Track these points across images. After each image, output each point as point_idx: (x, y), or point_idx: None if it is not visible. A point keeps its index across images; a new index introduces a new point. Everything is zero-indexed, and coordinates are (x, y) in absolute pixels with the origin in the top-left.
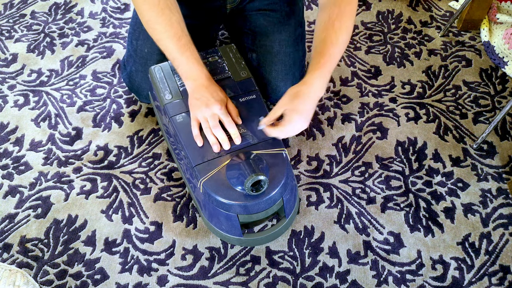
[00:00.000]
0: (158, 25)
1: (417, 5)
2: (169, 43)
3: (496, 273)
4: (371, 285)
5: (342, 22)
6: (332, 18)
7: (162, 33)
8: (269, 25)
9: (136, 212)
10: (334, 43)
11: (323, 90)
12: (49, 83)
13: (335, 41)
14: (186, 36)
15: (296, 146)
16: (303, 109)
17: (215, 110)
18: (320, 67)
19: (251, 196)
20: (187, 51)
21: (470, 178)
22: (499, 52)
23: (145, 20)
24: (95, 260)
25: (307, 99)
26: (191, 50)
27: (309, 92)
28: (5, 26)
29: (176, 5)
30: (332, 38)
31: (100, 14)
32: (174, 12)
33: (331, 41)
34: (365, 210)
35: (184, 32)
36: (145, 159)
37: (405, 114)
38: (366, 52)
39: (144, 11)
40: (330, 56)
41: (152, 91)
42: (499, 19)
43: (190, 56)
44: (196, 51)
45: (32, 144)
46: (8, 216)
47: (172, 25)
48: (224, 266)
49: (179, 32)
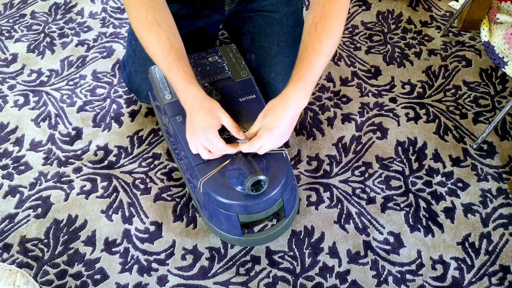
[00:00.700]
0: (146, 42)
1: (417, 5)
2: (159, 59)
3: (496, 273)
4: (371, 285)
5: (325, 25)
6: (315, 20)
7: (152, 50)
8: (268, 26)
9: (136, 212)
10: (316, 49)
11: (304, 102)
12: (49, 83)
13: (317, 47)
14: (176, 51)
15: (296, 146)
16: (274, 126)
17: (203, 140)
18: (299, 78)
19: (251, 196)
20: (175, 67)
21: (470, 178)
22: (499, 52)
23: (138, 37)
24: (95, 260)
25: (281, 116)
26: (179, 65)
27: (285, 107)
28: (5, 26)
29: (167, 18)
30: (314, 44)
31: (100, 14)
32: (163, 26)
33: (313, 48)
34: (365, 210)
35: (174, 46)
36: (145, 159)
37: (405, 114)
38: (366, 52)
39: (135, 29)
40: (311, 64)
41: (152, 91)
42: (499, 19)
43: (178, 73)
44: (186, 66)
45: (32, 144)
46: (8, 216)
47: (160, 40)
48: (224, 266)
49: (168, 48)
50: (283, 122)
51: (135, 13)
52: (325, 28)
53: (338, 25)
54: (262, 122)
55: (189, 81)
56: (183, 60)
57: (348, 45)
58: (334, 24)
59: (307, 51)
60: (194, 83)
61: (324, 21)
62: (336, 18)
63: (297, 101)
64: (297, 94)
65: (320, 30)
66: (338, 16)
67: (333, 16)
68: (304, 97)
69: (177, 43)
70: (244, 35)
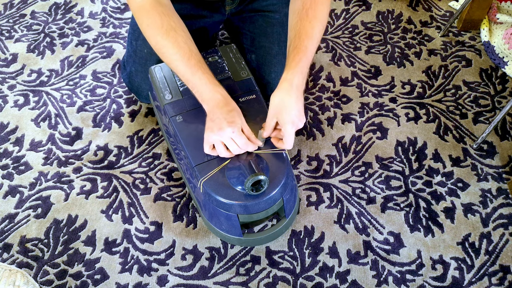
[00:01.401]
0: (165, 48)
1: (417, 5)
2: (179, 65)
3: (496, 273)
4: (371, 285)
5: (316, 10)
6: (305, 6)
7: (171, 56)
8: (268, 26)
9: (136, 212)
10: (309, 35)
11: (303, 84)
12: (49, 83)
13: (311, 33)
14: (195, 55)
15: (296, 146)
16: (293, 115)
17: (228, 133)
18: (297, 64)
19: (251, 196)
20: (199, 70)
21: (470, 178)
22: (499, 52)
23: (153, 44)
24: (95, 260)
25: (292, 103)
26: (202, 69)
27: (291, 96)
28: (5, 26)
29: (181, 23)
30: (308, 30)
31: (100, 14)
32: (179, 32)
33: (306, 34)
34: (365, 210)
35: (192, 51)
36: (145, 159)
37: (405, 114)
38: (366, 52)
39: (150, 36)
40: (306, 50)
41: (152, 91)
42: (499, 19)
43: (202, 76)
44: (208, 69)
45: (32, 144)
46: (8, 216)
47: (180, 46)
48: (224, 266)
49: (188, 53)
50: (296, 109)
51: (150, 21)
52: (316, 13)
53: (327, 10)
54: (279, 118)
55: (214, 83)
56: (203, 63)
57: (348, 45)
58: (324, 10)
59: (301, 37)
60: (219, 85)
61: (315, 6)
62: (326, 4)
63: (297, 84)
64: (296, 77)
65: (311, 15)
66: (327, 2)
67: (322, 2)
68: (302, 79)
69: (195, 47)
70: (245, 35)
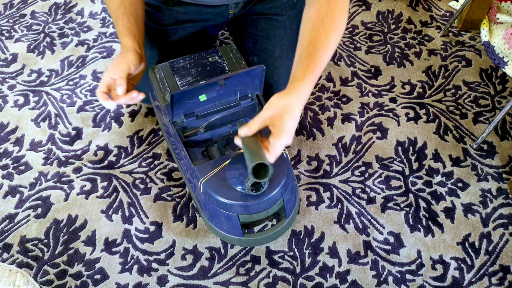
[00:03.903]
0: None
1: (417, 5)
2: (112, 16)
3: (496, 273)
4: (371, 285)
5: (334, 19)
6: (321, 15)
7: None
8: (271, 29)
9: (136, 212)
10: (325, 45)
11: (309, 94)
12: (49, 83)
13: (326, 43)
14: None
15: (296, 146)
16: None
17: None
18: (310, 72)
19: (252, 196)
20: (120, 22)
21: (470, 178)
22: (499, 52)
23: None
24: (95, 260)
25: (294, 114)
26: (124, 21)
27: (298, 104)
28: (5, 26)
29: None
30: (323, 40)
31: (100, 14)
32: None
33: (322, 44)
34: (365, 210)
35: (123, 4)
36: (145, 159)
37: (405, 114)
38: (366, 52)
39: None
40: (321, 60)
41: (152, 91)
42: (499, 19)
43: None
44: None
45: (32, 144)
46: (8, 216)
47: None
48: (224, 266)
49: (118, 3)
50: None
51: None
52: (333, 23)
53: (345, 20)
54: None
55: (123, 33)
56: (130, 16)
57: (348, 45)
58: (341, 19)
59: (316, 47)
60: (128, 36)
61: (333, 15)
62: (344, 12)
63: (306, 94)
64: (308, 88)
65: (328, 25)
66: (345, 11)
67: (340, 11)
68: (310, 89)
69: (129, 3)
70: (247, 38)
